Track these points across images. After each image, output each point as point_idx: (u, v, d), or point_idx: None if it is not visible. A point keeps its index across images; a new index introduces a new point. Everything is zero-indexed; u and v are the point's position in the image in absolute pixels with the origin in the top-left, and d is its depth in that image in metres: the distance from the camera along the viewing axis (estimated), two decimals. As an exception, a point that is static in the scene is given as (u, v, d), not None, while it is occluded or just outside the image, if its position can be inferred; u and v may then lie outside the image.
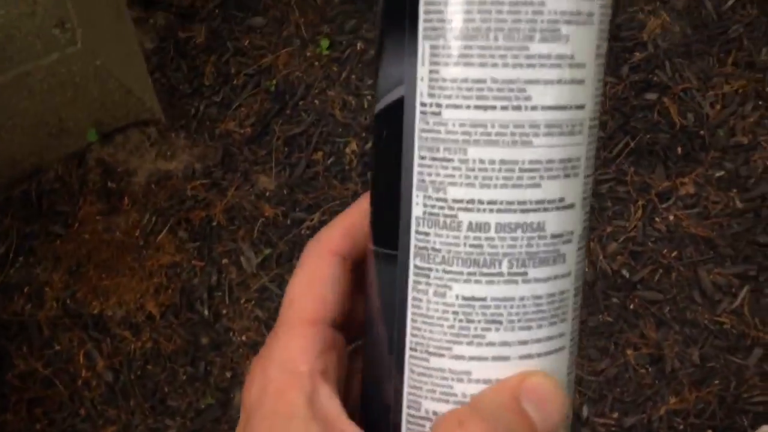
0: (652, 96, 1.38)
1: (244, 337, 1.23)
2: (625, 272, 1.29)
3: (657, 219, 1.32)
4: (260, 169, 1.33)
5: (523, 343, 0.27)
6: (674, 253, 1.30)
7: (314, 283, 0.30)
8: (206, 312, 1.25)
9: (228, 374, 1.23)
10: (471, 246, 0.26)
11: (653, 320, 1.26)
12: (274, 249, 1.28)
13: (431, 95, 0.26)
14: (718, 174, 1.34)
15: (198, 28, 1.43)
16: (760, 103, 1.38)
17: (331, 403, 0.28)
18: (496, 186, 0.26)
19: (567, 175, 0.27)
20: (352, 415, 0.28)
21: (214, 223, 1.30)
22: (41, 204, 1.31)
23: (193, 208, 1.30)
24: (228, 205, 1.31)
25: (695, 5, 1.43)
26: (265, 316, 1.24)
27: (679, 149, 1.35)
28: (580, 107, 0.26)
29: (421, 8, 0.25)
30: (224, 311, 1.25)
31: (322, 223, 1.30)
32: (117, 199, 1.31)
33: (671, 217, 1.32)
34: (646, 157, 1.35)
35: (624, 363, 1.25)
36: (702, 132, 1.36)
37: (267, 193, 1.32)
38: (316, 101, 1.37)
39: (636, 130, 1.36)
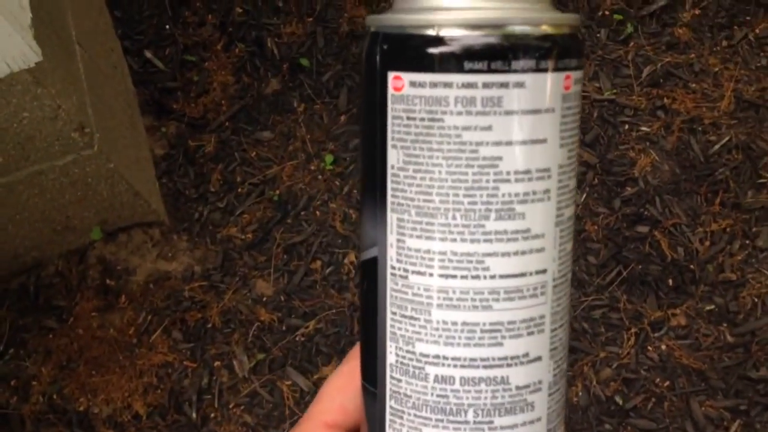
0: (643, 229, 1.43)
1: (231, 443, 1.20)
2: (618, 399, 1.28)
3: (650, 347, 1.33)
4: (259, 275, 1.34)
5: None
6: (667, 383, 1.30)
7: (344, 389, 0.33)
8: (194, 415, 1.22)
9: (212, 480, 1.19)
10: (438, 396, 0.28)
11: (646, 450, 1.25)
12: (268, 354, 1.28)
13: (399, 260, 0.29)
14: (708, 308, 1.37)
15: (208, 138, 1.48)
16: (747, 242, 1.43)
17: None
18: (459, 344, 0.28)
19: (531, 333, 0.29)
20: None
21: (209, 325, 1.29)
22: (38, 297, 1.31)
23: (189, 309, 1.30)
24: (224, 308, 1.31)
25: (683, 147, 1.51)
26: (254, 422, 1.22)
27: (671, 281, 1.39)
28: (541, 272, 0.29)
29: (389, 186, 0.28)
30: (212, 415, 1.23)
31: (318, 331, 1.30)
32: (114, 296, 1.30)
33: (663, 347, 1.33)
34: (639, 287, 1.38)
35: (616, 493, 1.22)
36: (692, 266, 1.40)
37: (264, 299, 1.32)
38: (318, 212, 1.41)
39: (628, 260, 1.39)
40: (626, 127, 1.52)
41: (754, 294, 1.38)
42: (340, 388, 0.33)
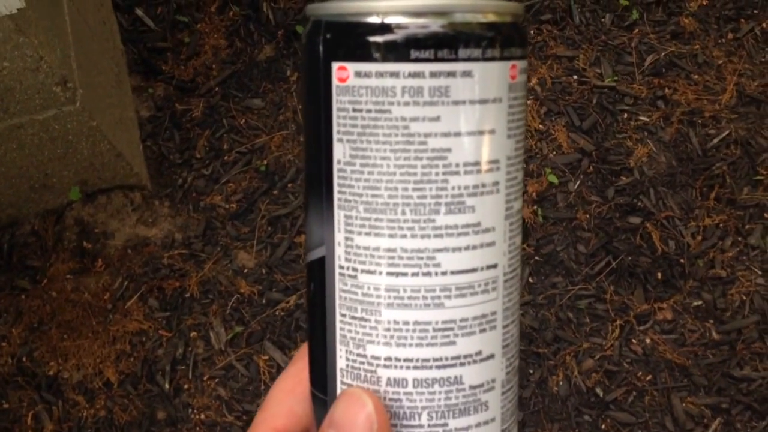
0: (635, 220, 1.40)
1: (202, 416, 1.18)
2: (599, 391, 1.26)
3: (634, 340, 1.31)
4: (241, 246, 1.31)
5: None
6: (649, 377, 1.28)
7: (292, 392, 0.32)
8: (167, 385, 1.19)
9: (181, 453, 1.16)
10: (390, 400, 0.27)
11: (624, 444, 1.23)
12: (246, 327, 1.25)
13: (347, 260, 0.28)
14: (695, 303, 1.35)
15: (196, 102, 1.44)
16: (740, 239, 1.40)
17: None
18: (411, 345, 0.27)
19: (483, 330, 0.28)
20: None
21: (187, 295, 1.26)
22: (11, 256, 1.27)
23: (168, 278, 1.27)
24: (204, 278, 1.28)
25: (681, 140, 1.48)
26: (228, 395, 1.19)
27: (659, 274, 1.36)
28: (492, 266, 0.28)
29: (335, 181, 0.27)
30: (186, 386, 1.20)
31: (298, 306, 1.27)
32: (90, 259, 1.27)
33: (648, 341, 1.31)
34: (627, 278, 1.35)
35: (591, 486, 1.21)
36: (682, 260, 1.37)
37: (245, 270, 1.29)
38: (306, 186, 1.37)
39: (618, 251, 1.37)
40: (625, 115, 1.49)
41: (743, 292, 1.36)
42: (288, 391, 0.32)
